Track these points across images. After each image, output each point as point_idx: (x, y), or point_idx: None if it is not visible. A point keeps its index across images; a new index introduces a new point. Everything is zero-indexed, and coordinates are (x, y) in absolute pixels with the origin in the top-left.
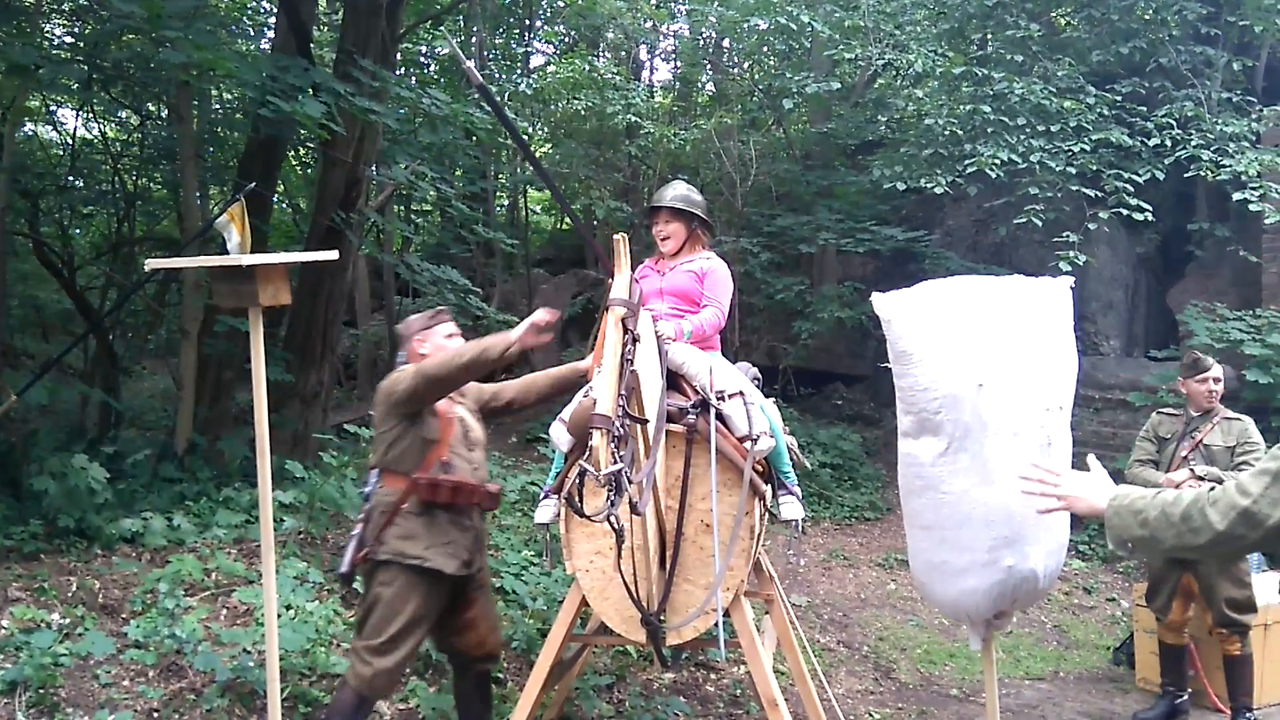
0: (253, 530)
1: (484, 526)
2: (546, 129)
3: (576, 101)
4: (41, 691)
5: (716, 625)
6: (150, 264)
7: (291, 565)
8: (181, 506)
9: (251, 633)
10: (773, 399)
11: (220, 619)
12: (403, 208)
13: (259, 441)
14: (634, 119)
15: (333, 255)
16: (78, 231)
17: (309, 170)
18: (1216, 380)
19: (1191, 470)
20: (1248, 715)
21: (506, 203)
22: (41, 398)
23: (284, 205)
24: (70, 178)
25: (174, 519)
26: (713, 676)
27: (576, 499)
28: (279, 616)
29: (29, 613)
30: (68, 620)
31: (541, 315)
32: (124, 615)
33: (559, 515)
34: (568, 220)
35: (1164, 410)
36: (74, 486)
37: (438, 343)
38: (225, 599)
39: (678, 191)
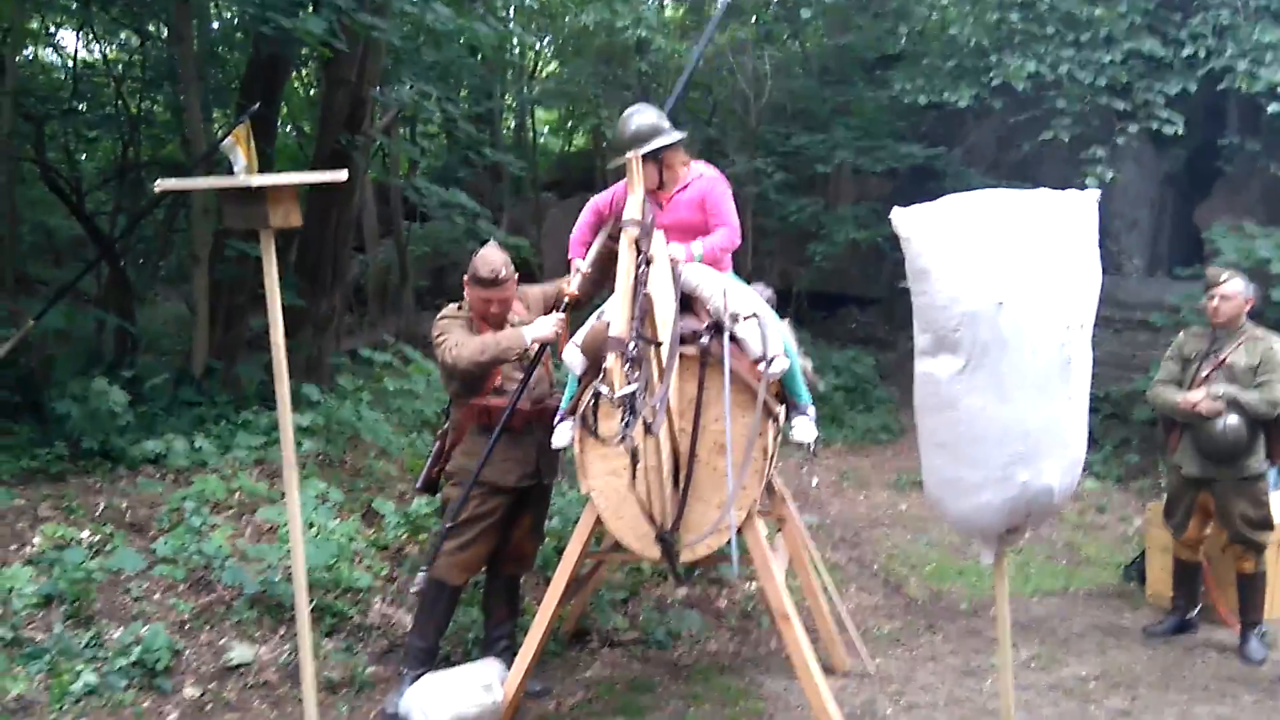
0: (272, 452)
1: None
2: (554, 46)
3: (584, 16)
4: (77, 604)
5: (730, 542)
6: (160, 185)
7: (312, 485)
8: (201, 429)
9: (276, 549)
10: (786, 321)
11: (245, 536)
12: (408, 130)
13: (276, 362)
14: (644, 34)
15: (342, 175)
16: (83, 156)
17: (311, 92)
18: (1224, 297)
19: (1209, 390)
20: (1258, 630)
21: (513, 124)
22: (58, 323)
23: (287, 128)
24: (74, 101)
25: (195, 441)
26: (724, 592)
27: (592, 421)
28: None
29: (59, 530)
30: (97, 537)
31: (549, 332)
32: (151, 533)
33: (575, 438)
34: (576, 141)
35: (1190, 329)
36: (96, 409)
37: (474, 297)
38: (249, 517)
39: (636, 127)
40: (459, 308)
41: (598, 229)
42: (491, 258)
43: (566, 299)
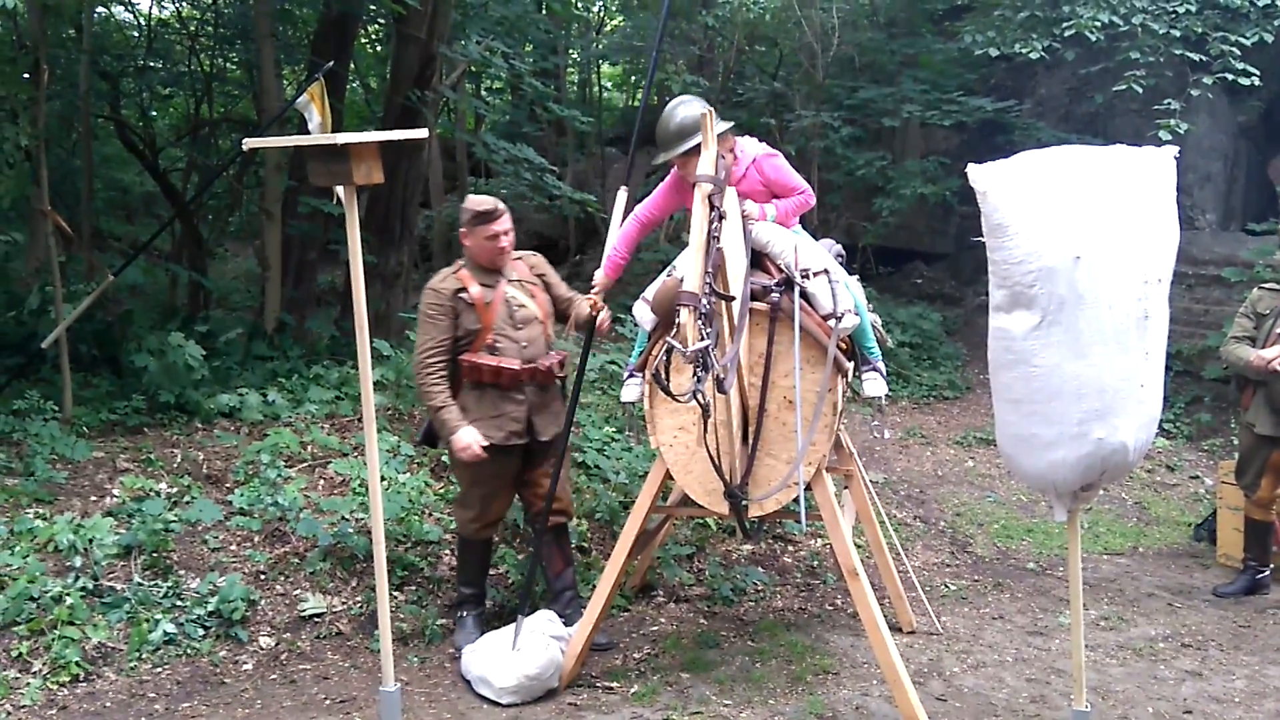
0: (343, 406)
1: (549, 398)
2: (619, 0)
3: None
4: (155, 555)
5: (798, 499)
6: (249, 143)
7: (383, 439)
8: (274, 383)
9: (349, 501)
10: (855, 277)
11: (318, 489)
12: (473, 85)
13: (358, 318)
14: None
15: (423, 134)
16: (157, 113)
17: (379, 48)
18: None
19: None
20: None
21: (578, 79)
22: (135, 278)
23: (355, 84)
24: (148, 59)
25: (268, 395)
26: (790, 548)
27: (663, 377)
28: None
29: (138, 482)
30: (175, 489)
31: (472, 451)
32: (228, 485)
33: (644, 393)
34: (640, 96)
35: (1265, 285)
36: (172, 363)
37: (479, 240)
38: (322, 470)
39: (680, 123)
40: (444, 277)
41: (638, 241)
42: (480, 197)
43: (595, 313)
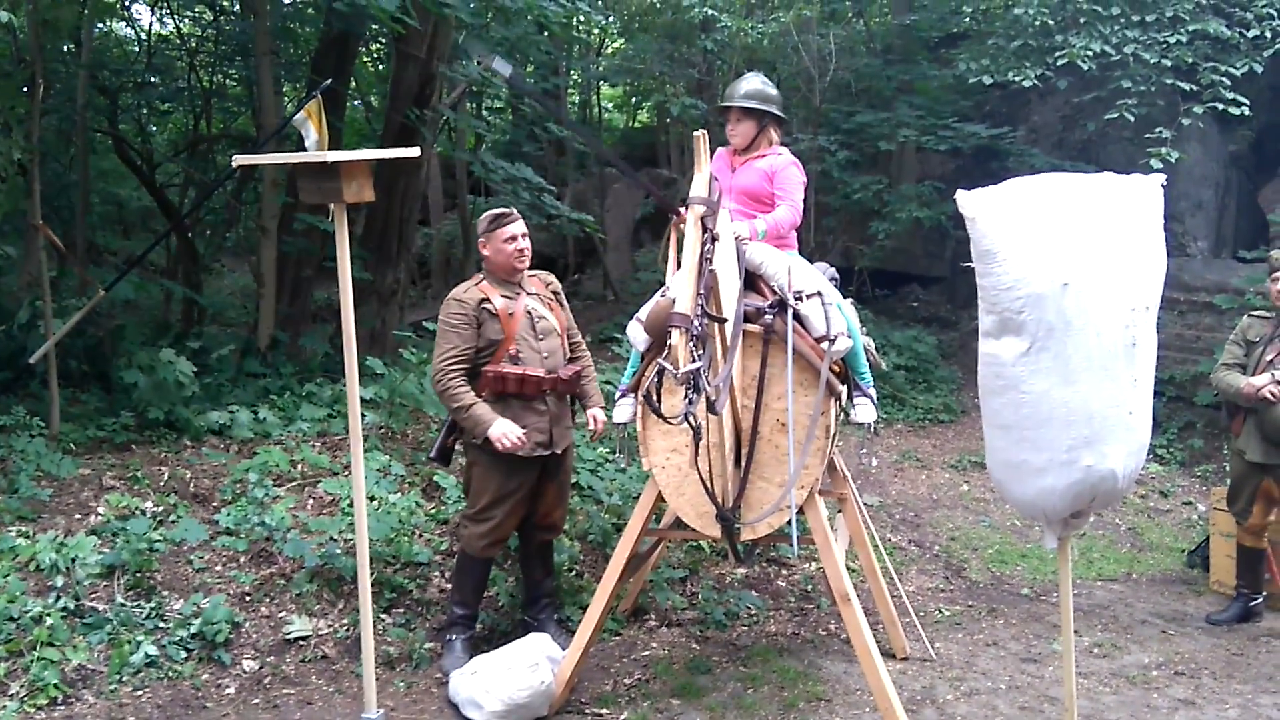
0: (335, 424)
1: (565, 409)
2: (619, 23)
3: None
4: (139, 575)
5: (790, 522)
6: (238, 160)
7: (374, 458)
8: (266, 401)
9: (338, 521)
10: (849, 300)
11: (307, 508)
12: (473, 105)
13: (346, 335)
14: (710, 12)
15: (415, 152)
16: (155, 129)
17: (380, 67)
18: None
19: (1274, 375)
20: None
21: (578, 100)
22: (127, 293)
23: (355, 102)
24: (147, 74)
25: (259, 412)
26: (784, 572)
27: (655, 398)
28: None
29: (124, 500)
30: (161, 508)
31: (510, 441)
32: (215, 504)
33: (636, 414)
34: (640, 118)
35: (1255, 313)
36: (162, 380)
37: (497, 245)
38: (311, 489)
39: (749, 87)
40: (466, 288)
41: None
42: (494, 209)
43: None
